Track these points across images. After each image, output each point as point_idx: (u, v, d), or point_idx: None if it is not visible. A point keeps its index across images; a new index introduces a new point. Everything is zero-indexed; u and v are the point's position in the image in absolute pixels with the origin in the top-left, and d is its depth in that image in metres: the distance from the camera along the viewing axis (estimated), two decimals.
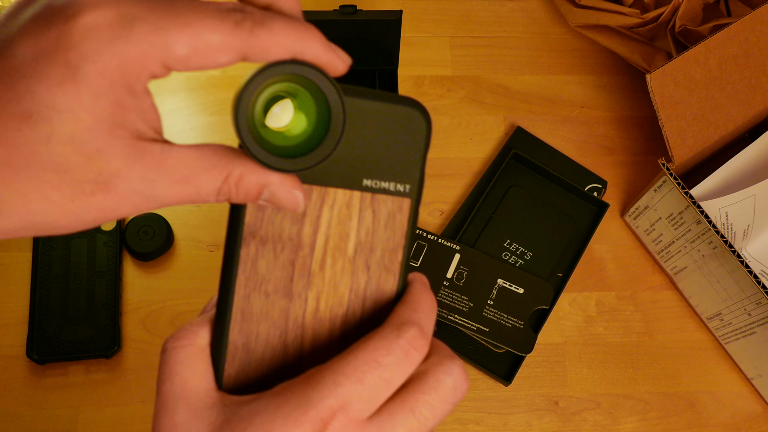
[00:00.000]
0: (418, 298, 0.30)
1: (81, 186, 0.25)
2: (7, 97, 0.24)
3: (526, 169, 0.73)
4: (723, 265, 0.63)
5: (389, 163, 0.30)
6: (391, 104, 0.29)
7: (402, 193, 0.30)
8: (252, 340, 0.30)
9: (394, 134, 0.30)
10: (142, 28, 0.24)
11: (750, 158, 0.68)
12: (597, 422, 0.67)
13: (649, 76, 0.59)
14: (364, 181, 0.30)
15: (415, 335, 0.28)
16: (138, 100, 0.25)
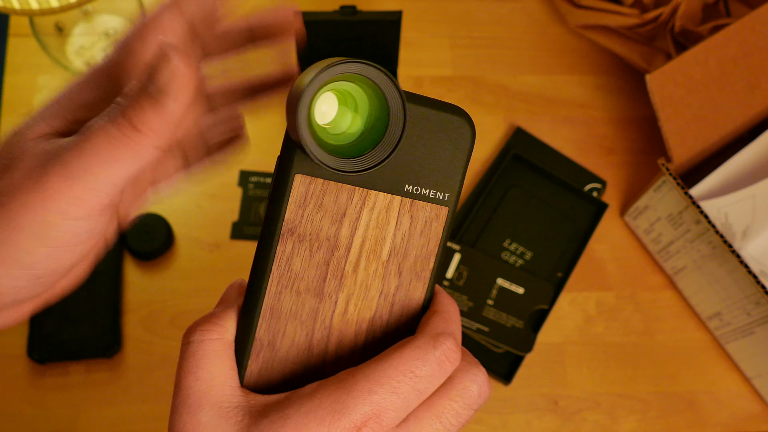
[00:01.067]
0: (447, 309, 0.30)
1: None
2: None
3: (526, 169, 0.74)
4: (722, 265, 0.63)
5: (431, 170, 0.30)
6: (439, 111, 0.29)
7: (441, 201, 0.30)
8: (278, 338, 0.30)
9: (440, 142, 0.29)
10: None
11: (749, 158, 0.68)
12: (597, 422, 0.67)
13: (649, 76, 0.59)
14: (406, 186, 0.29)
15: (450, 347, 0.28)
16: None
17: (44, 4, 0.60)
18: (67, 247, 0.27)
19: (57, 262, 0.27)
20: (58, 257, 0.27)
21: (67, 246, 0.27)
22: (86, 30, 0.75)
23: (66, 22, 0.75)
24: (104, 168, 0.26)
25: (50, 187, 0.26)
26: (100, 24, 0.76)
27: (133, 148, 0.26)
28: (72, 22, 0.75)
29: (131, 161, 0.26)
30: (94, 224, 0.27)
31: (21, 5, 0.60)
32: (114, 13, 0.76)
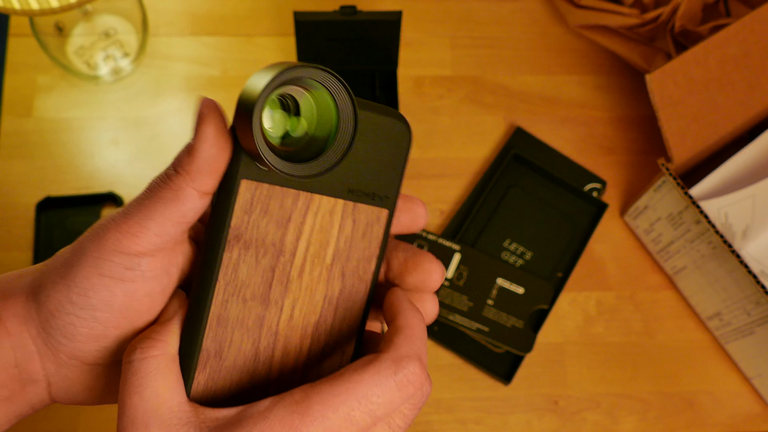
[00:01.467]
0: (412, 323, 0.29)
1: None
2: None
3: (526, 169, 0.74)
4: (722, 265, 0.63)
5: (373, 173, 0.30)
6: (379, 114, 0.29)
7: (381, 203, 0.30)
8: (225, 347, 0.29)
9: (379, 145, 0.29)
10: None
11: (749, 158, 0.68)
12: (597, 422, 0.67)
13: (649, 76, 0.59)
14: (349, 189, 0.29)
15: (414, 371, 0.27)
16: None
17: (44, 4, 0.60)
18: (120, 281, 0.28)
19: (110, 294, 0.28)
20: (111, 289, 0.28)
21: (120, 279, 0.28)
22: (86, 30, 0.75)
23: (66, 22, 0.75)
24: (152, 207, 0.27)
25: (107, 226, 0.28)
26: (100, 24, 0.76)
27: (171, 188, 0.27)
28: (72, 22, 0.75)
29: (172, 200, 0.27)
30: (146, 265, 0.28)
31: (21, 5, 0.60)
32: (114, 13, 0.76)
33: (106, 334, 0.29)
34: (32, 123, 0.73)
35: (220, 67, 0.77)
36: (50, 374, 0.30)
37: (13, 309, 0.29)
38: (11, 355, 0.29)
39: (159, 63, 0.76)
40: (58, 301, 0.28)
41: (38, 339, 0.29)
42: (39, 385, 0.30)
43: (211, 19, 0.79)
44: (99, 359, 0.30)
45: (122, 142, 0.73)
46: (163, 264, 0.29)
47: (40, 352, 0.29)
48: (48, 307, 0.28)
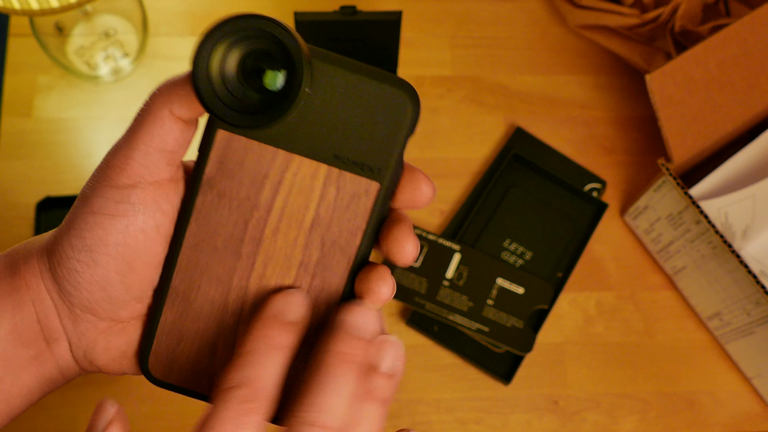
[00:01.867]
0: (248, 350, 0.27)
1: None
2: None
3: (526, 169, 0.74)
4: (722, 265, 0.63)
5: (365, 143, 0.28)
6: (379, 82, 0.28)
7: (371, 175, 0.28)
8: (193, 290, 0.29)
9: (376, 113, 0.28)
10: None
11: (749, 158, 0.68)
12: (597, 422, 0.67)
13: (649, 76, 0.59)
14: (335, 155, 0.28)
15: (242, 398, 0.25)
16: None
17: (44, 4, 0.60)
18: (111, 216, 0.28)
19: (103, 232, 0.28)
20: (103, 226, 0.28)
21: (110, 214, 0.28)
22: (86, 30, 0.75)
23: (66, 22, 0.75)
24: (134, 137, 0.28)
25: (99, 165, 0.29)
26: (100, 24, 0.76)
27: (149, 111, 0.28)
28: (72, 22, 0.75)
29: (150, 123, 0.28)
30: (135, 197, 0.28)
31: (21, 5, 0.60)
32: (114, 13, 0.76)
33: (109, 279, 0.29)
34: (32, 123, 0.73)
35: None
36: (69, 332, 0.30)
37: (31, 265, 0.30)
38: (32, 310, 0.29)
39: (159, 63, 0.76)
40: (62, 248, 0.29)
41: (53, 292, 0.29)
42: (61, 343, 0.30)
43: (211, 19, 0.79)
44: (110, 312, 0.30)
45: None
46: (154, 198, 0.29)
47: (57, 306, 0.30)
48: (55, 256, 0.29)
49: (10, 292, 0.29)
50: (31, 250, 0.30)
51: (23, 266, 0.30)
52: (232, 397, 0.25)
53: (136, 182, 0.28)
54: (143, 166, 0.28)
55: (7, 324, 0.29)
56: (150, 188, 0.28)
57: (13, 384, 0.29)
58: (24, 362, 0.30)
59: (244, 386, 0.26)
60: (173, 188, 0.29)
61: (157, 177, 0.29)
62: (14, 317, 0.29)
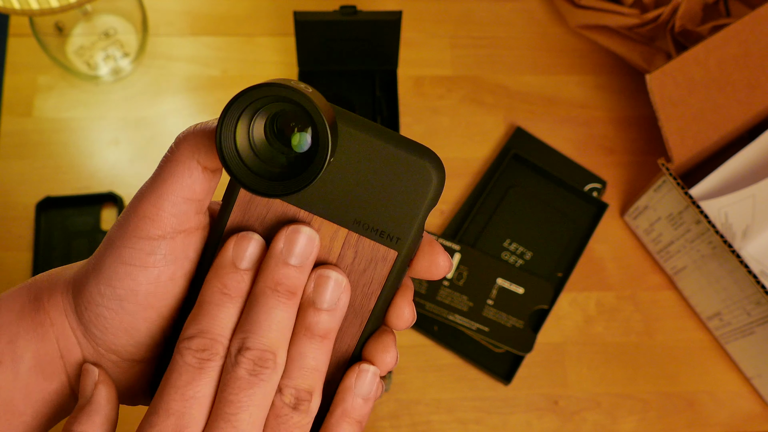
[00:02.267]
0: (202, 301, 0.28)
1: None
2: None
3: (526, 169, 0.74)
4: (722, 265, 0.63)
5: (386, 210, 0.28)
6: (404, 150, 0.28)
7: (390, 243, 0.28)
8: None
9: (400, 181, 0.28)
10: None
11: (749, 158, 0.68)
12: (597, 422, 0.67)
13: (649, 76, 0.59)
14: (355, 220, 0.28)
15: (198, 347, 0.27)
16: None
17: (44, 4, 0.60)
18: (142, 267, 0.28)
19: (134, 283, 0.28)
20: (135, 277, 0.28)
21: (142, 266, 0.28)
22: (86, 30, 0.75)
23: (66, 22, 0.75)
24: (162, 186, 0.28)
25: (128, 212, 0.29)
26: (100, 24, 0.76)
27: (176, 160, 0.28)
28: (72, 22, 0.75)
29: (179, 174, 0.28)
30: (166, 248, 0.28)
31: (21, 5, 0.60)
32: (114, 13, 0.76)
33: (136, 326, 0.29)
34: (32, 123, 0.73)
35: (220, 67, 0.77)
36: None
37: (55, 300, 0.30)
38: (56, 345, 0.29)
39: (159, 63, 0.76)
40: (89, 293, 0.29)
41: (78, 331, 0.30)
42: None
43: (211, 19, 0.79)
44: (135, 355, 0.30)
45: (122, 142, 0.73)
46: (182, 247, 0.29)
47: (81, 345, 0.30)
48: (82, 299, 0.29)
49: (34, 327, 0.29)
50: (56, 284, 0.30)
51: (47, 301, 0.30)
52: (189, 346, 0.27)
53: (166, 233, 0.28)
54: (173, 216, 0.28)
55: (30, 358, 0.29)
56: (179, 237, 0.29)
57: (35, 417, 0.30)
58: (46, 396, 0.30)
59: (200, 336, 0.27)
60: (200, 235, 0.30)
61: (186, 226, 0.29)
62: (37, 352, 0.29)
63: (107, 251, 0.29)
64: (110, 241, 0.29)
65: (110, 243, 0.29)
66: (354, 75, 0.75)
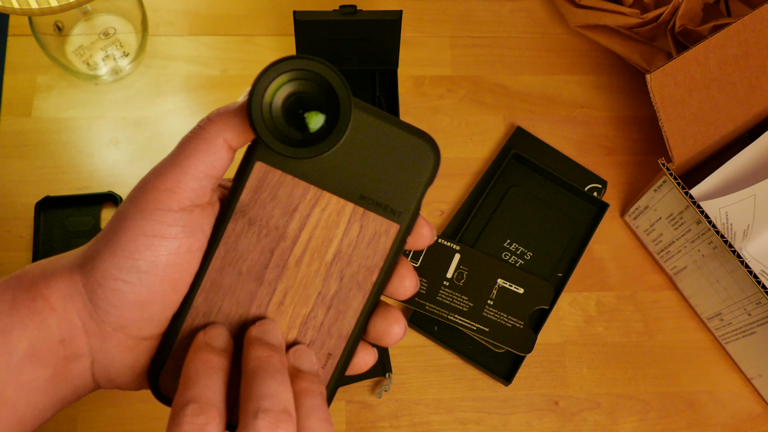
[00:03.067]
0: (192, 363, 0.30)
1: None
2: None
3: (526, 169, 0.73)
4: (723, 265, 0.63)
5: (390, 186, 0.30)
6: (406, 132, 0.31)
7: (393, 217, 0.31)
8: (213, 311, 0.31)
9: (403, 161, 0.31)
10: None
11: (750, 158, 0.68)
12: (597, 422, 0.67)
13: (649, 76, 0.59)
14: (361, 195, 0.30)
15: (195, 411, 0.28)
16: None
17: (44, 4, 0.60)
18: (163, 238, 0.29)
19: (155, 254, 0.29)
20: (156, 248, 0.29)
21: (163, 237, 0.29)
22: (86, 30, 0.75)
23: (65, 22, 0.74)
24: (185, 162, 0.29)
25: (145, 187, 0.30)
26: (100, 24, 0.75)
27: (203, 137, 0.29)
28: (71, 22, 0.75)
29: (204, 150, 0.29)
30: (185, 219, 0.29)
31: (21, 5, 0.60)
32: (114, 13, 0.76)
33: (152, 299, 0.30)
34: (32, 123, 0.73)
35: (220, 66, 0.76)
36: (94, 349, 0.31)
37: (56, 286, 0.30)
38: (56, 331, 0.30)
39: (158, 63, 0.76)
40: (104, 269, 0.29)
41: (83, 312, 0.30)
42: (82, 361, 0.31)
43: (211, 19, 0.79)
44: (144, 331, 0.31)
45: (122, 142, 0.73)
46: (199, 220, 0.30)
47: (86, 326, 0.30)
48: (95, 276, 0.29)
49: (29, 315, 0.29)
50: (53, 270, 0.30)
51: (44, 288, 0.30)
52: (186, 412, 0.28)
53: (185, 206, 0.29)
54: (193, 191, 0.29)
55: (25, 347, 0.29)
56: (197, 211, 0.30)
57: (27, 406, 0.30)
58: (40, 384, 0.30)
59: (194, 402, 0.28)
60: (212, 210, 0.31)
61: (202, 200, 0.30)
62: (34, 339, 0.29)
63: (123, 225, 0.29)
64: (124, 216, 0.29)
65: (125, 218, 0.29)
66: (354, 75, 0.75)
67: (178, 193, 0.29)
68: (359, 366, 0.33)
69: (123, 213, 0.30)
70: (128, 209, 0.29)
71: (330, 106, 0.29)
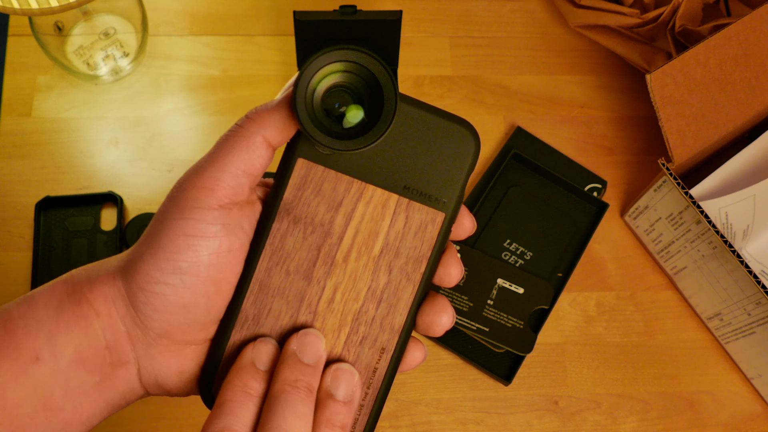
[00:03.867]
0: (228, 388, 0.29)
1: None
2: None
3: (526, 169, 0.73)
4: (723, 265, 0.63)
5: (432, 175, 0.30)
6: (444, 119, 0.30)
7: (438, 205, 0.30)
8: (263, 313, 0.30)
9: (443, 149, 0.30)
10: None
11: (750, 158, 0.68)
12: (597, 422, 0.67)
13: (649, 76, 0.59)
14: (405, 186, 0.30)
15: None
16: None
17: (44, 4, 0.60)
18: (203, 238, 0.29)
19: (196, 254, 0.29)
20: (196, 248, 0.28)
21: (203, 236, 0.29)
22: (86, 30, 0.75)
23: (65, 22, 0.74)
24: (224, 159, 0.29)
25: (183, 186, 0.29)
26: (100, 24, 0.75)
27: (242, 135, 0.29)
28: (71, 22, 0.75)
29: (243, 148, 0.29)
30: (224, 218, 0.29)
31: (21, 5, 0.60)
32: (114, 13, 0.76)
33: (195, 301, 0.29)
34: (32, 123, 0.73)
35: (220, 66, 0.76)
36: (140, 356, 0.30)
37: (99, 290, 0.30)
38: (101, 336, 0.29)
39: (158, 63, 0.76)
40: (146, 272, 0.29)
41: (127, 317, 0.29)
42: (129, 368, 0.30)
43: (211, 19, 0.79)
44: (188, 335, 0.30)
45: (122, 142, 0.73)
46: (238, 219, 0.30)
47: (130, 331, 0.30)
48: (137, 280, 0.29)
49: (75, 320, 0.29)
50: (98, 275, 0.30)
51: (89, 293, 0.29)
52: None
53: (224, 204, 0.29)
54: (232, 188, 0.29)
55: (72, 352, 0.29)
56: (236, 209, 0.29)
57: (74, 412, 0.29)
58: (87, 389, 0.29)
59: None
60: (251, 209, 0.30)
61: (241, 198, 0.30)
62: (80, 344, 0.29)
63: (162, 227, 0.29)
64: (164, 217, 0.29)
65: (164, 219, 0.29)
66: None
67: (217, 191, 0.29)
68: (409, 363, 0.32)
69: (162, 214, 0.29)
70: (167, 209, 0.29)
71: (372, 96, 0.28)
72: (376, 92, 0.28)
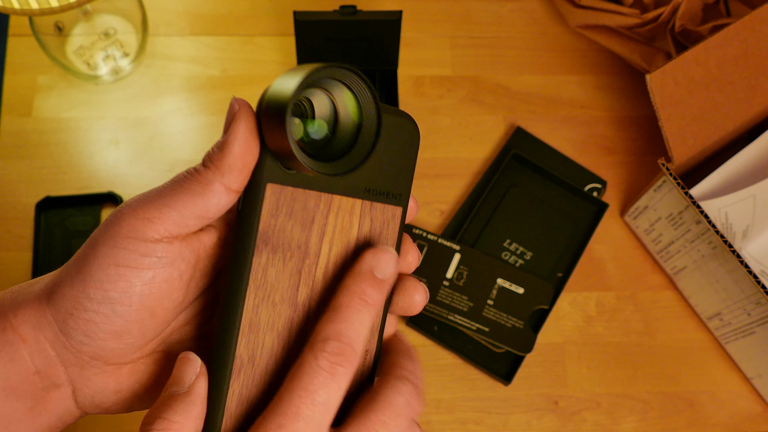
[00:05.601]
0: (340, 304, 0.28)
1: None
2: None
3: (526, 169, 0.73)
4: (723, 265, 0.63)
5: (386, 172, 0.30)
6: (388, 114, 0.30)
7: (395, 201, 0.31)
8: (257, 352, 0.29)
9: (391, 144, 0.30)
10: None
11: (750, 158, 0.68)
12: (597, 422, 0.67)
13: (649, 76, 0.59)
14: (365, 188, 0.30)
15: (333, 350, 0.27)
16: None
17: (44, 4, 0.60)
18: (135, 269, 0.27)
19: (128, 284, 0.27)
20: (128, 278, 0.27)
21: (135, 267, 0.27)
22: (86, 30, 0.75)
23: (66, 22, 0.75)
24: (175, 197, 0.27)
25: (121, 213, 0.28)
26: (100, 24, 0.75)
27: (200, 181, 0.27)
28: (72, 22, 0.75)
29: (199, 194, 0.27)
30: (162, 251, 0.27)
31: (21, 5, 0.60)
32: (114, 12, 0.76)
33: (128, 328, 0.28)
34: (32, 123, 0.73)
35: (220, 67, 0.76)
36: (74, 378, 0.29)
37: (24, 316, 0.28)
38: (29, 362, 0.28)
39: (159, 63, 0.76)
40: (74, 299, 0.27)
41: (56, 342, 0.28)
42: (63, 390, 0.29)
43: (211, 19, 0.79)
44: (122, 357, 0.29)
45: (122, 142, 0.73)
46: (180, 250, 0.28)
47: (61, 356, 0.28)
48: (65, 306, 0.28)
49: (1, 347, 0.28)
50: (23, 299, 0.29)
51: (13, 318, 0.28)
52: (324, 347, 0.27)
53: (163, 237, 0.27)
54: (175, 225, 0.28)
55: (0, 381, 0.28)
56: (176, 242, 0.28)
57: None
58: (19, 416, 0.28)
59: (336, 339, 0.27)
60: (196, 237, 0.29)
61: (185, 233, 0.28)
62: (7, 373, 0.28)
63: (93, 253, 0.27)
64: (96, 242, 0.28)
65: (96, 244, 0.28)
66: None
67: (157, 224, 0.27)
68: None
69: (95, 238, 0.28)
70: (101, 234, 0.28)
71: (337, 114, 0.28)
72: (345, 105, 0.28)
